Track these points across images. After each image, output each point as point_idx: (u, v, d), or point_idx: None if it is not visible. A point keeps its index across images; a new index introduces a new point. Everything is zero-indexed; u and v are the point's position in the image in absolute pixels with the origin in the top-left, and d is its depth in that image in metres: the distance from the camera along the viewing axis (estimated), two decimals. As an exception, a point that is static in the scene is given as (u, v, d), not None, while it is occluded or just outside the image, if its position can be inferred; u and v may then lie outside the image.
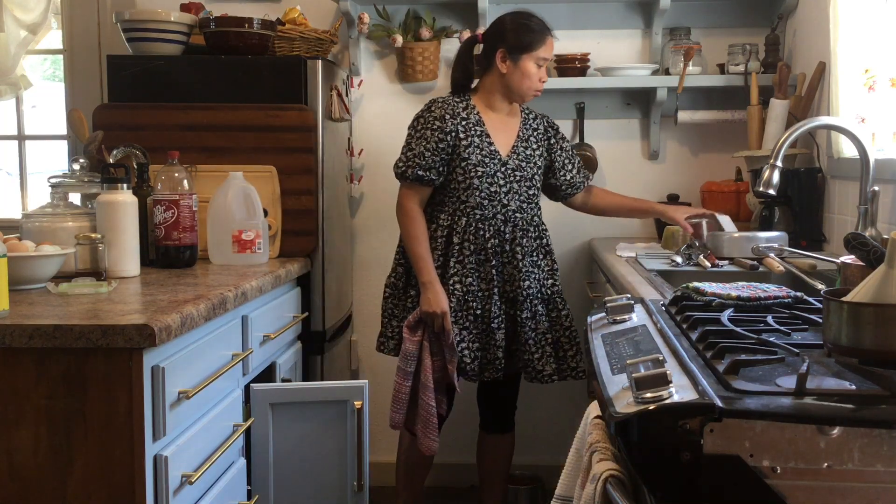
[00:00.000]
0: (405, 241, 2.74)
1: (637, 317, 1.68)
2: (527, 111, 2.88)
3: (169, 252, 2.45)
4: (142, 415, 1.65)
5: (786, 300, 1.70)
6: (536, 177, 2.82)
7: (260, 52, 2.91)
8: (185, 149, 2.66)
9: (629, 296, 1.83)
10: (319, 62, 2.89)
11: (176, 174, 2.47)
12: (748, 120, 3.19)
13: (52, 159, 3.79)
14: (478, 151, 2.71)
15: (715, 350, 1.32)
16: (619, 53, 3.50)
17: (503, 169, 2.74)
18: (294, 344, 2.83)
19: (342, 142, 3.31)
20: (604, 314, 1.74)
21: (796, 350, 1.32)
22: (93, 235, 2.16)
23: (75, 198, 2.46)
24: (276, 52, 2.99)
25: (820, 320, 1.42)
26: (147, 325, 1.63)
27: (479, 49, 2.82)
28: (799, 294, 1.73)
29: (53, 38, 3.68)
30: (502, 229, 2.74)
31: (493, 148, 2.74)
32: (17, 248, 2.04)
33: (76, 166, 2.47)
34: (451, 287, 2.70)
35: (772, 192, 2.26)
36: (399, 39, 3.40)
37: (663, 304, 1.80)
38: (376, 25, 3.45)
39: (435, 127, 2.69)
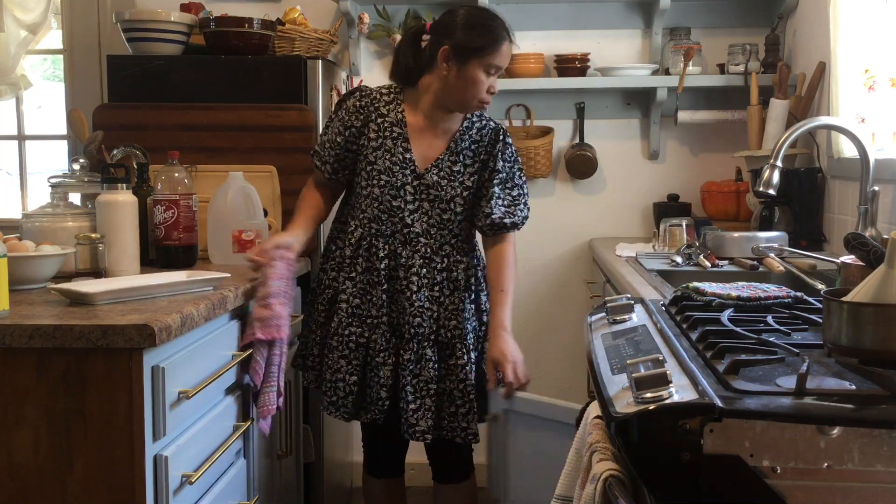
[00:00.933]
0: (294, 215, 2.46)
1: (637, 317, 1.68)
2: (474, 118, 2.41)
3: (169, 252, 2.45)
4: (142, 415, 1.65)
5: (786, 300, 1.70)
6: (458, 199, 2.35)
7: (260, 52, 2.91)
8: (185, 149, 2.66)
9: (629, 296, 1.83)
10: (319, 62, 2.89)
11: (176, 174, 2.47)
12: (748, 120, 3.19)
13: (52, 159, 3.79)
14: (387, 157, 2.33)
15: (715, 350, 1.33)
16: (619, 53, 3.50)
17: (415, 183, 2.33)
18: (294, 344, 2.82)
19: (342, 142, 3.30)
20: (604, 314, 1.74)
21: (796, 350, 1.32)
22: (93, 235, 2.16)
23: (75, 198, 2.46)
24: (277, 52, 2.99)
25: (820, 320, 1.42)
26: (147, 325, 1.63)
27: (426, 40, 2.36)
28: (799, 294, 1.73)
29: (53, 38, 3.68)
30: (399, 251, 2.34)
31: (408, 156, 2.33)
32: (17, 248, 2.03)
33: (76, 166, 2.47)
34: (338, 304, 2.38)
35: (772, 192, 2.26)
36: (399, 39, 3.39)
37: (663, 304, 1.80)
38: (376, 25, 3.45)
39: (341, 117, 2.38)
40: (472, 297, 2.41)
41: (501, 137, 2.41)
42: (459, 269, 2.38)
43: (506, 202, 2.39)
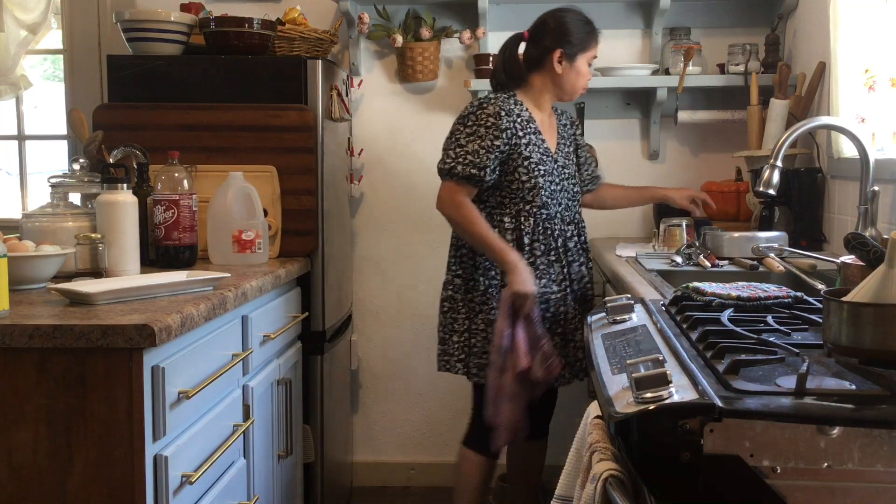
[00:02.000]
0: (467, 230, 2.59)
1: (637, 317, 1.68)
2: (554, 108, 2.81)
3: (169, 252, 2.45)
4: (142, 415, 1.65)
5: (786, 300, 1.70)
6: (576, 174, 2.80)
7: (260, 52, 2.91)
8: (185, 149, 2.66)
9: (629, 296, 1.83)
10: (319, 62, 2.89)
11: (176, 174, 2.47)
12: (748, 120, 3.19)
13: (52, 159, 3.79)
14: (536, 149, 2.63)
15: (715, 350, 1.32)
16: (619, 53, 3.50)
17: (556, 167, 2.69)
18: (294, 344, 2.83)
19: (342, 142, 3.31)
20: (604, 314, 1.74)
21: (796, 350, 1.32)
22: (93, 235, 2.16)
23: (75, 198, 2.46)
24: (276, 52, 2.99)
25: (820, 320, 1.42)
26: (147, 325, 1.63)
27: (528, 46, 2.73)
28: (799, 294, 1.73)
29: (53, 38, 3.68)
30: (563, 228, 2.69)
31: (546, 146, 2.68)
32: (17, 248, 2.04)
33: (76, 166, 2.47)
34: (567, 295, 2.66)
35: (772, 192, 2.26)
36: (399, 39, 3.40)
37: (663, 304, 1.80)
38: (376, 25, 3.45)
39: (489, 124, 2.56)
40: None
41: (574, 119, 2.92)
42: (585, 232, 2.81)
43: (595, 160, 3.03)
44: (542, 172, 2.62)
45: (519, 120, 2.62)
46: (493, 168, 2.58)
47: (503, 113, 2.58)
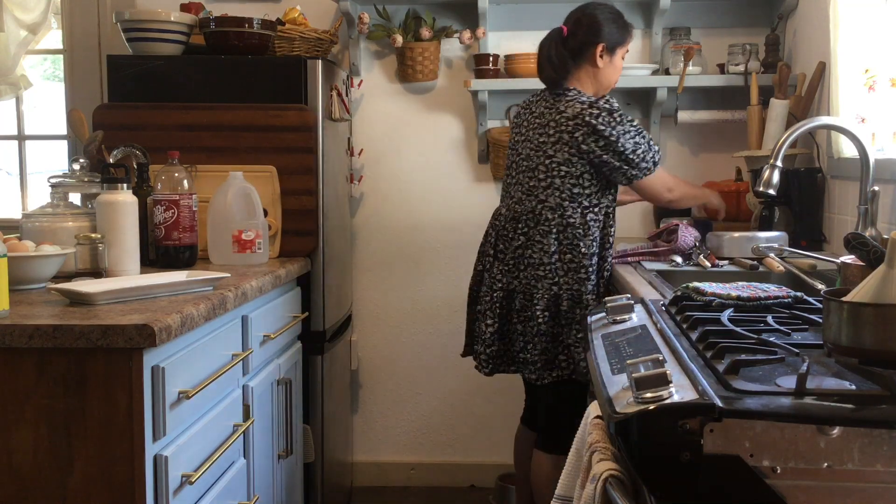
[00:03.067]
0: (692, 194, 2.83)
1: (637, 317, 1.68)
2: None
3: (169, 252, 2.45)
4: (142, 415, 1.65)
5: (786, 300, 1.70)
6: None
7: (260, 52, 2.91)
8: (185, 149, 2.66)
9: (629, 296, 1.83)
10: (319, 62, 2.89)
11: (176, 174, 2.47)
12: (748, 120, 3.19)
13: (52, 159, 3.79)
14: None
15: (715, 350, 1.32)
16: (619, 53, 3.49)
17: None
18: (294, 344, 2.83)
19: (342, 142, 3.31)
20: (604, 314, 1.74)
21: (796, 350, 1.32)
22: (93, 235, 2.16)
23: (75, 198, 2.46)
24: (276, 52, 2.99)
25: (820, 320, 1.42)
26: (147, 325, 1.63)
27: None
28: (799, 294, 1.73)
29: (53, 38, 3.68)
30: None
31: None
32: (17, 248, 2.04)
33: (76, 166, 2.47)
34: (605, 272, 2.65)
35: (772, 192, 2.26)
36: (399, 39, 3.40)
37: (663, 304, 1.80)
38: (376, 25, 3.45)
39: (628, 115, 2.66)
40: None
41: None
42: None
43: None
44: None
45: None
46: None
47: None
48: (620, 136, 2.59)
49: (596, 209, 2.65)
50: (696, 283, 1.80)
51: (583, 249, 2.58)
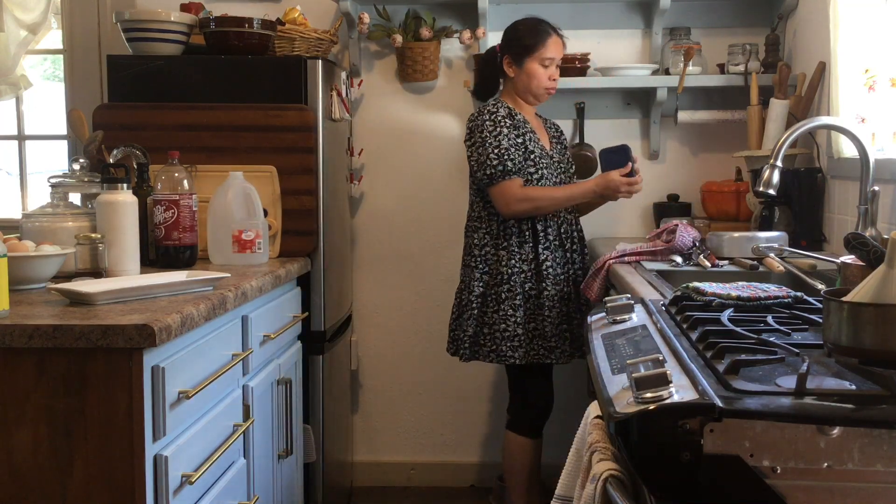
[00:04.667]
0: (552, 204, 2.85)
1: (637, 317, 1.68)
2: (538, 116, 3.06)
3: (169, 252, 2.45)
4: (142, 415, 1.65)
5: (786, 300, 1.70)
6: (570, 171, 3.03)
7: (260, 52, 2.90)
8: (185, 149, 2.66)
9: (629, 296, 1.83)
10: (319, 62, 2.89)
11: (176, 174, 2.47)
12: (748, 120, 3.19)
13: (52, 159, 3.79)
14: (536, 146, 2.88)
15: (715, 350, 1.32)
16: (619, 53, 3.50)
17: (552, 162, 2.93)
18: (294, 344, 2.83)
19: (342, 142, 3.31)
20: (604, 314, 1.74)
21: (796, 350, 1.32)
22: (93, 235, 2.16)
23: (75, 198, 2.46)
24: (277, 52, 2.99)
25: (820, 320, 1.42)
26: (147, 325, 1.63)
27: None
28: (799, 294, 1.73)
29: (53, 38, 3.68)
30: (565, 217, 2.94)
31: (541, 143, 2.92)
32: (17, 248, 2.03)
33: (76, 166, 2.47)
34: (545, 273, 2.84)
35: (772, 192, 2.26)
36: (399, 39, 3.40)
37: (663, 304, 1.80)
38: (376, 25, 3.45)
39: (507, 125, 2.82)
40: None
41: (562, 133, 3.13)
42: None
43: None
44: (545, 164, 2.88)
45: (516, 121, 2.87)
46: (520, 162, 2.83)
47: (510, 113, 2.86)
48: (478, 143, 2.82)
49: (492, 206, 2.89)
50: (696, 283, 1.80)
51: (475, 240, 2.91)
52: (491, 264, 2.89)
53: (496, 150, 2.79)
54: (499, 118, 2.82)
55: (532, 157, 2.86)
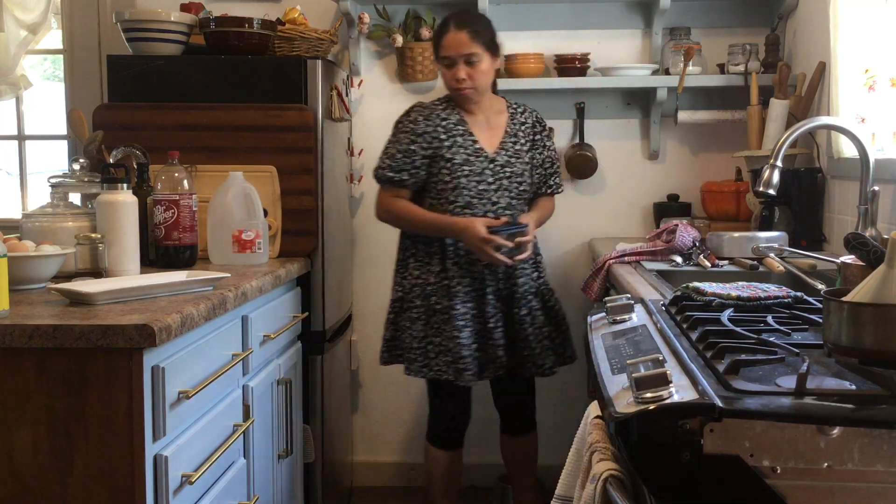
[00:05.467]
0: (407, 222, 2.78)
1: (637, 317, 1.68)
2: (515, 106, 2.89)
3: (169, 252, 2.45)
4: (142, 415, 1.65)
5: (786, 300, 1.70)
6: (527, 173, 2.82)
7: (260, 52, 2.90)
8: (185, 149, 2.66)
9: (629, 296, 1.83)
10: (319, 62, 2.89)
11: (176, 174, 2.47)
12: (748, 120, 3.19)
13: (52, 159, 3.79)
14: (462, 151, 2.73)
15: (715, 350, 1.32)
16: (619, 53, 3.50)
17: (491, 166, 2.75)
18: (294, 344, 2.83)
19: (342, 142, 3.31)
20: (604, 314, 1.74)
21: (796, 350, 1.32)
22: (93, 235, 2.16)
23: (75, 198, 2.46)
24: (276, 52, 2.99)
25: (820, 320, 1.42)
26: (147, 325, 1.63)
27: None
28: (799, 294, 1.73)
29: (53, 38, 3.68)
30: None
31: (477, 146, 2.76)
32: (17, 248, 2.03)
33: (76, 166, 2.47)
34: (453, 289, 2.73)
35: (772, 192, 2.26)
36: (399, 39, 3.40)
37: (663, 304, 1.80)
38: (376, 25, 3.45)
39: (408, 129, 2.74)
40: (539, 251, 2.93)
41: (543, 125, 2.93)
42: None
43: (549, 172, 2.92)
44: (465, 173, 2.72)
45: (444, 123, 2.75)
46: (412, 171, 2.74)
47: (422, 118, 2.75)
48: (392, 130, 2.82)
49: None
50: (696, 283, 1.80)
51: (399, 244, 2.88)
52: (402, 271, 2.85)
53: (384, 155, 2.77)
54: (405, 123, 2.77)
55: (449, 165, 2.71)
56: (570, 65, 3.37)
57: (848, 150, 2.70)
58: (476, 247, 2.65)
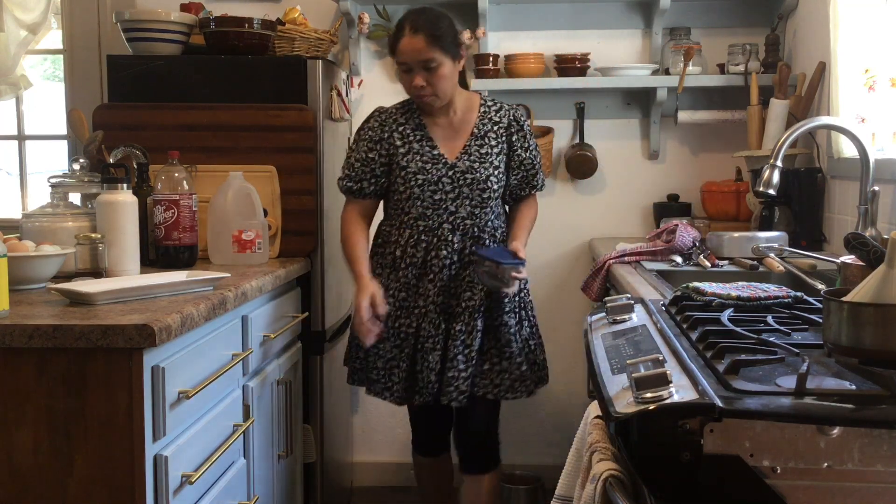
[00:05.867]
0: (342, 246, 2.61)
1: (637, 317, 1.68)
2: (490, 103, 2.61)
3: (169, 252, 2.45)
4: (142, 415, 1.65)
5: (786, 300, 1.70)
6: (493, 178, 2.53)
7: (260, 52, 2.91)
8: (185, 149, 2.66)
9: (629, 296, 1.83)
10: (319, 62, 2.89)
11: (176, 174, 2.47)
12: (748, 120, 3.19)
13: (52, 159, 3.79)
14: (418, 158, 2.51)
15: (715, 350, 1.32)
16: (619, 53, 3.50)
17: (450, 173, 2.51)
18: (294, 344, 2.83)
19: (342, 142, 3.30)
20: (604, 314, 1.74)
21: (796, 350, 1.32)
22: (93, 235, 2.16)
23: (75, 198, 2.46)
24: (277, 52, 2.99)
25: (820, 320, 1.43)
26: (147, 325, 1.63)
27: None
28: (799, 294, 1.73)
29: (53, 38, 3.68)
30: (450, 239, 2.51)
31: (436, 153, 2.52)
32: (17, 248, 2.04)
33: (76, 166, 2.47)
34: (389, 301, 2.53)
35: (772, 192, 2.26)
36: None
37: (663, 304, 1.80)
38: (376, 25, 3.45)
39: (366, 137, 2.56)
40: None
41: (521, 123, 2.62)
42: (499, 238, 2.60)
43: (527, 173, 2.63)
44: (420, 182, 2.50)
45: (401, 129, 2.54)
46: (372, 180, 2.56)
47: (378, 124, 2.56)
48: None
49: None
50: (696, 283, 1.80)
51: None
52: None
53: (345, 164, 2.60)
54: (365, 130, 2.57)
55: (403, 172, 2.51)
56: (570, 65, 3.37)
57: (848, 150, 2.70)
58: (356, 318, 2.47)
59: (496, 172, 2.55)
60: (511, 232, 2.63)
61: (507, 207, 2.71)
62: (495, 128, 2.58)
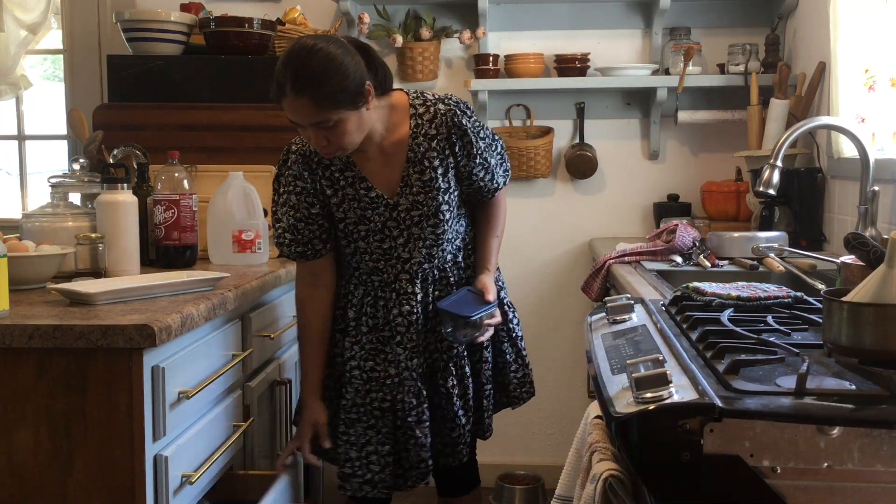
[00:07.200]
0: (299, 333, 2.24)
1: (637, 317, 1.68)
2: (421, 110, 2.09)
3: (169, 252, 2.45)
4: (142, 415, 1.65)
5: (786, 300, 1.70)
6: (444, 206, 2.10)
7: (260, 52, 2.91)
8: (185, 149, 2.66)
9: (629, 296, 1.83)
10: (319, 62, 2.88)
11: (176, 174, 2.47)
12: (748, 120, 3.19)
13: (52, 159, 3.79)
14: (355, 205, 2.09)
15: (715, 350, 1.32)
16: (619, 53, 3.50)
17: (394, 215, 2.09)
18: (294, 344, 2.82)
19: (342, 142, 3.30)
20: (604, 314, 1.74)
21: (796, 350, 1.32)
22: (93, 235, 2.16)
23: (75, 198, 2.46)
24: (277, 52, 2.99)
25: (820, 320, 1.42)
26: (147, 325, 1.63)
27: None
28: (799, 294, 1.73)
29: (53, 38, 3.68)
30: (410, 291, 2.13)
31: (373, 195, 2.08)
32: (17, 248, 2.04)
33: (76, 166, 2.47)
34: (349, 374, 2.14)
35: (772, 192, 2.26)
36: (399, 39, 3.40)
37: (663, 304, 1.80)
38: (376, 25, 3.45)
39: (298, 190, 2.11)
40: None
41: (462, 126, 2.09)
42: (471, 269, 2.24)
43: (497, 172, 2.21)
44: (363, 234, 2.10)
45: (328, 173, 2.10)
46: (322, 237, 2.13)
47: (306, 172, 2.10)
48: (274, 184, 2.22)
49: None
50: (696, 283, 1.80)
51: None
52: None
53: (280, 225, 2.15)
54: (287, 178, 2.12)
55: (342, 225, 2.12)
56: (570, 65, 3.37)
57: (848, 150, 2.70)
58: (298, 432, 2.20)
59: (447, 198, 2.11)
60: (476, 258, 2.24)
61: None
62: (433, 143, 2.08)
